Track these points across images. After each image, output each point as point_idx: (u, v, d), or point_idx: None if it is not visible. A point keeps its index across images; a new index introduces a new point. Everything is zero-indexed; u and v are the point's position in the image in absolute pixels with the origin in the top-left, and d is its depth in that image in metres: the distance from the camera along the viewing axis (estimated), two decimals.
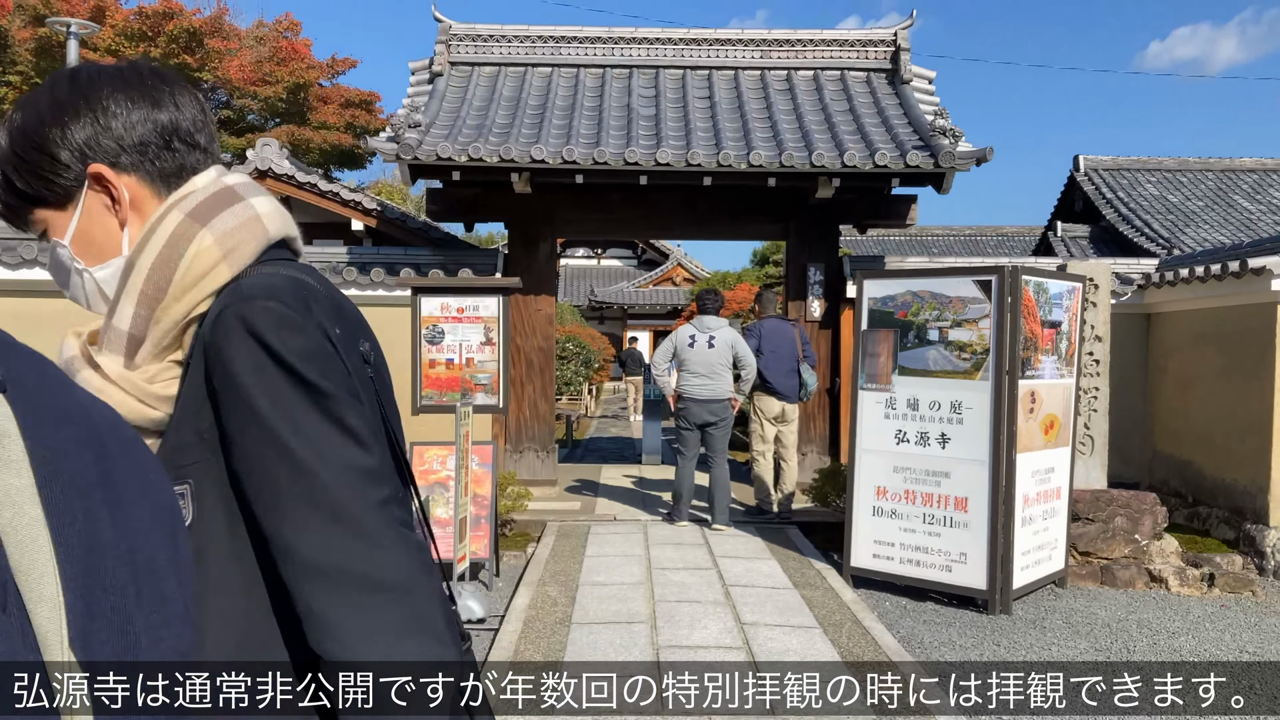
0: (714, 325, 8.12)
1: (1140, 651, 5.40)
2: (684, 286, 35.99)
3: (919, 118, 9.39)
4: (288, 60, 19.93)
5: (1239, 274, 7.84)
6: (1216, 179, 19.76)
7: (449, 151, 8.50)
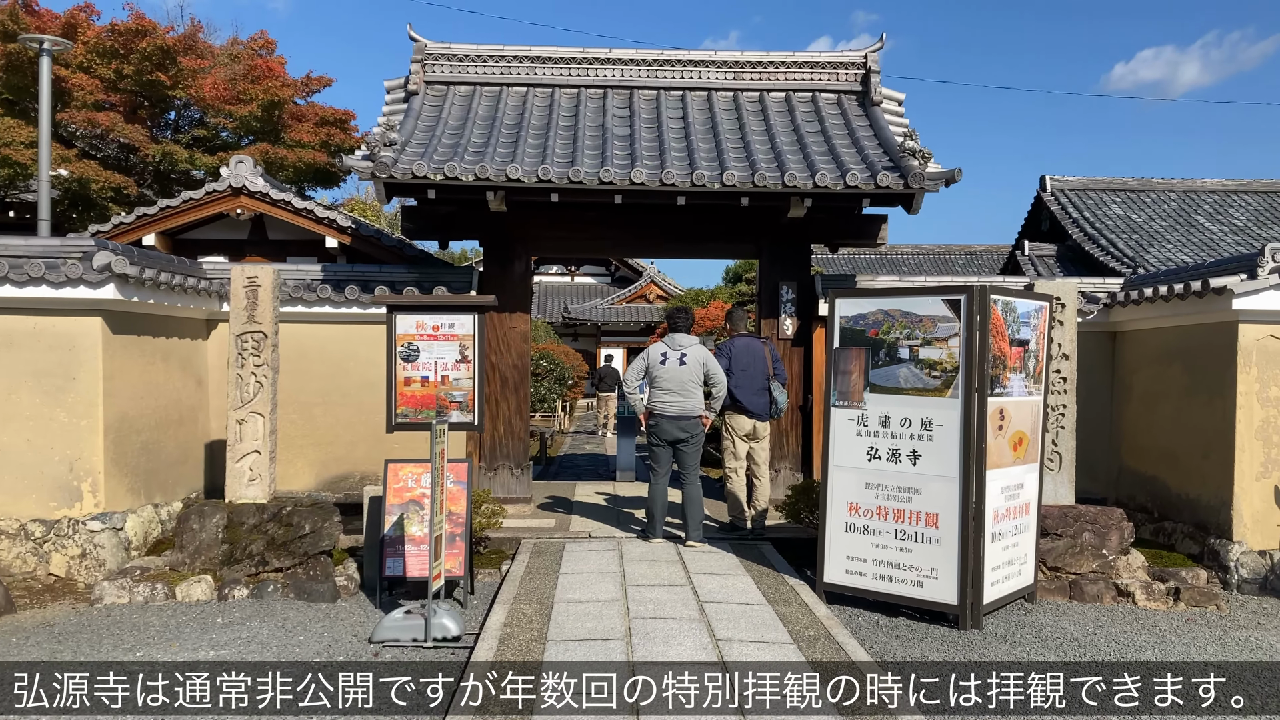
0: (685, 343, 8.20)
1: (1108, 665, 5.48)
2: (657, 304, 36.13)
3: (889, 139, 9.53)
4: (262, 78, 19.86)
5: (1201, 293, 8.01)
6: (1179, 199, 20.14)
7: (424, 170, 8.54)
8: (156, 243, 12.76)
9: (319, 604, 6.75)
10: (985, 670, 5.30)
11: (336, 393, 9.56)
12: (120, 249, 7.68)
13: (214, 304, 9.24)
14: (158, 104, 20.25)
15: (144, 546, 7.96)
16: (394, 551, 6.75)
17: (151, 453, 8.27)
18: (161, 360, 8.53)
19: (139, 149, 19.39)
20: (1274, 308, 7.70)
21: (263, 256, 13.31)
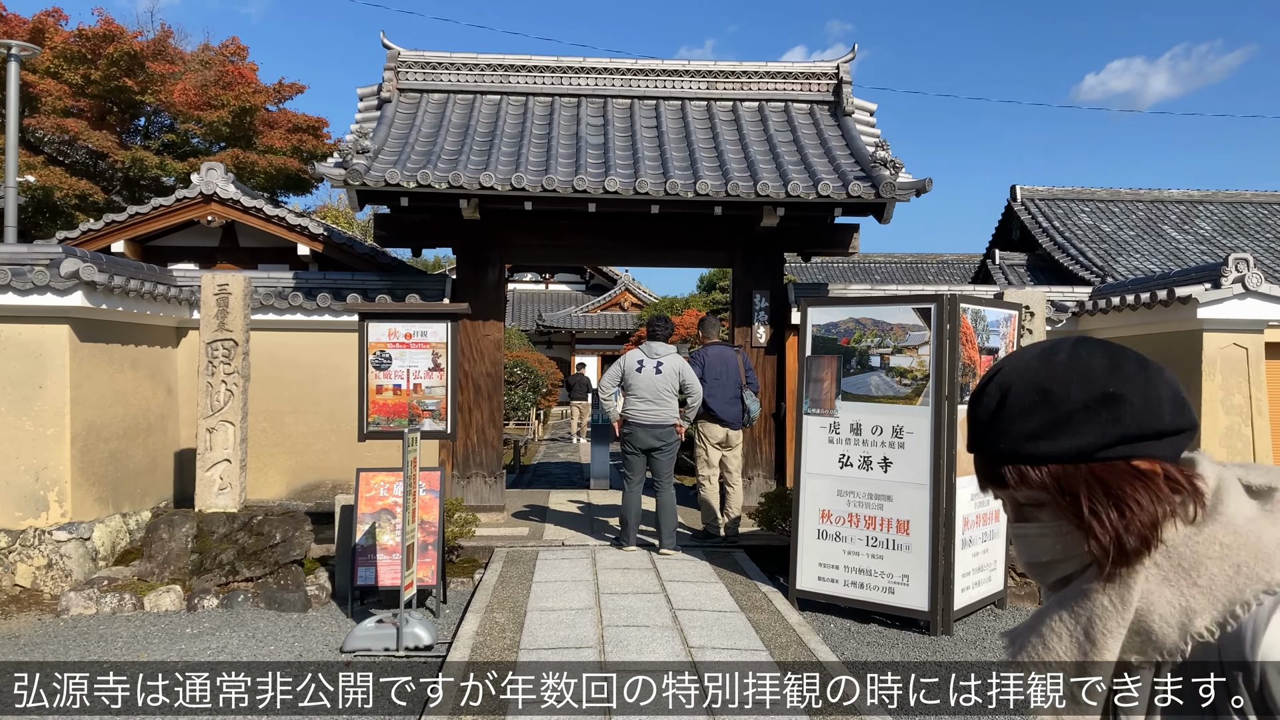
0: (662, 351, 8.21)
1: None
2: (632, 311, 36.16)
3: (861, 149, 9.61)
4: (233, 84, 19.73)
5: (1167, 302, 8.13)
6: (1147, 209, 20.42)
7: (397, 178, 8.52)
8: (126, 250, 12.63)
9: (290, 613, 6.70)
10: (953, 672, 5.35)
11: (308, 401, 9.50)
12: (88, 256, 7.61)
13: (184, 311, 9.16)
14: (127, 110, 20.08)
15: (112, 556, 7.87)
16: (366, 560, 6.71)
17: (120, 462, 8.19)
18: (130, 368, 8.45)
19: (108, 155, 19.22)
20: (1237, 317, 7.83)
21: (234, 264, 13.21)
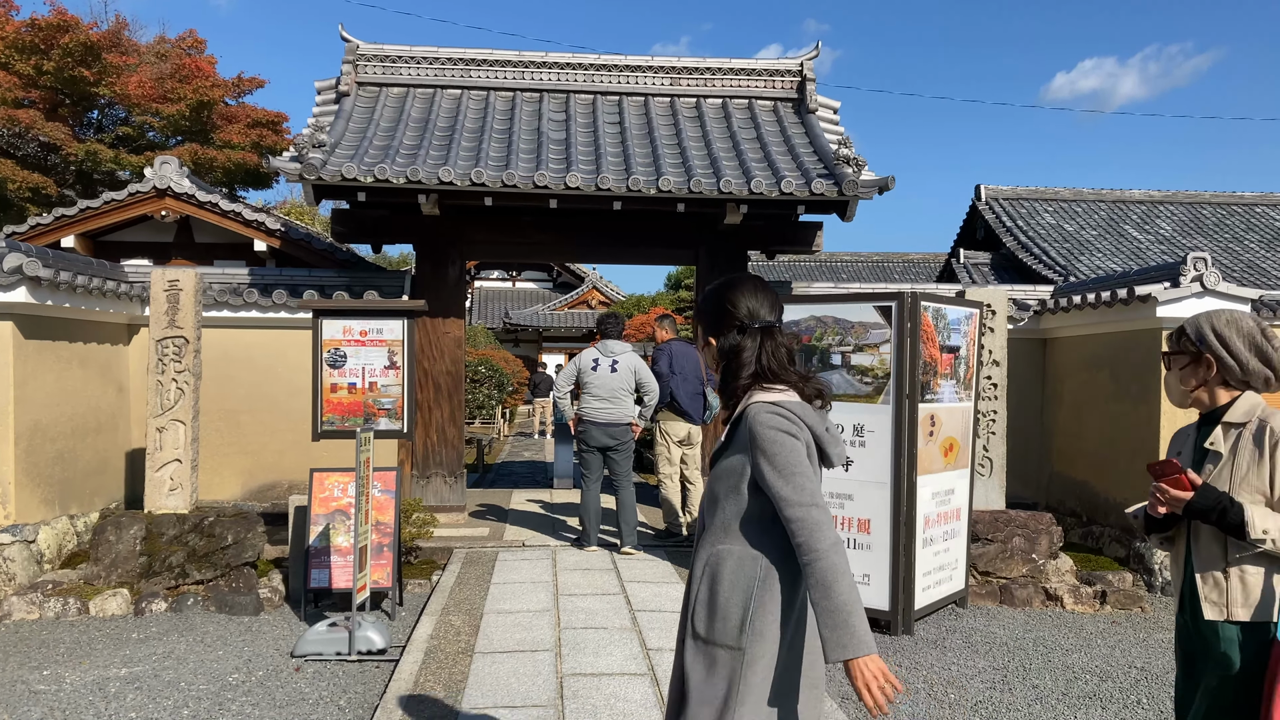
0: (618, 350, 8.15)
1: (1035, 669, 5.53)
2: (599, 309, 36.05)
3: (824, 147, 9.57)
4: (191, 78, 19.36)
5: (1127, 301, 8.16)
6: (1109, 209, 20.63)
7: (354, 172, 8.36)
8: (77, 245, 12.35)
9: (241, 617, 6.54)
10: (912, 668, 5.31)
11: (264, 399, 9.32)
12: (34, 251, 7.40)
13: (135, 308, 8.95)
14: (80, 101, 19.67)
15: (59, 559, 7.67)
16: (319, 562, 6.57)
17: (67, 462, 7.97)
18: (79, 366, 8.23)
19: (61, 148, 18.81)
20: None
21: (189, 260, 12.96)
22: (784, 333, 2.42)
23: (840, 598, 2.13)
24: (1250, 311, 2.75)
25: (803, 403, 2.35)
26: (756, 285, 2.46)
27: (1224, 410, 2.71)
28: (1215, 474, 2.69)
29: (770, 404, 2.31)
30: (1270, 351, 2.65)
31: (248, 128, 20.26)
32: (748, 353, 2.37)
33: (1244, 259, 18.39)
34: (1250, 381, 2.67)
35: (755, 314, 2.39)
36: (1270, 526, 2.51)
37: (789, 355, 2.39)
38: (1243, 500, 2.58)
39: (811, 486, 2.23)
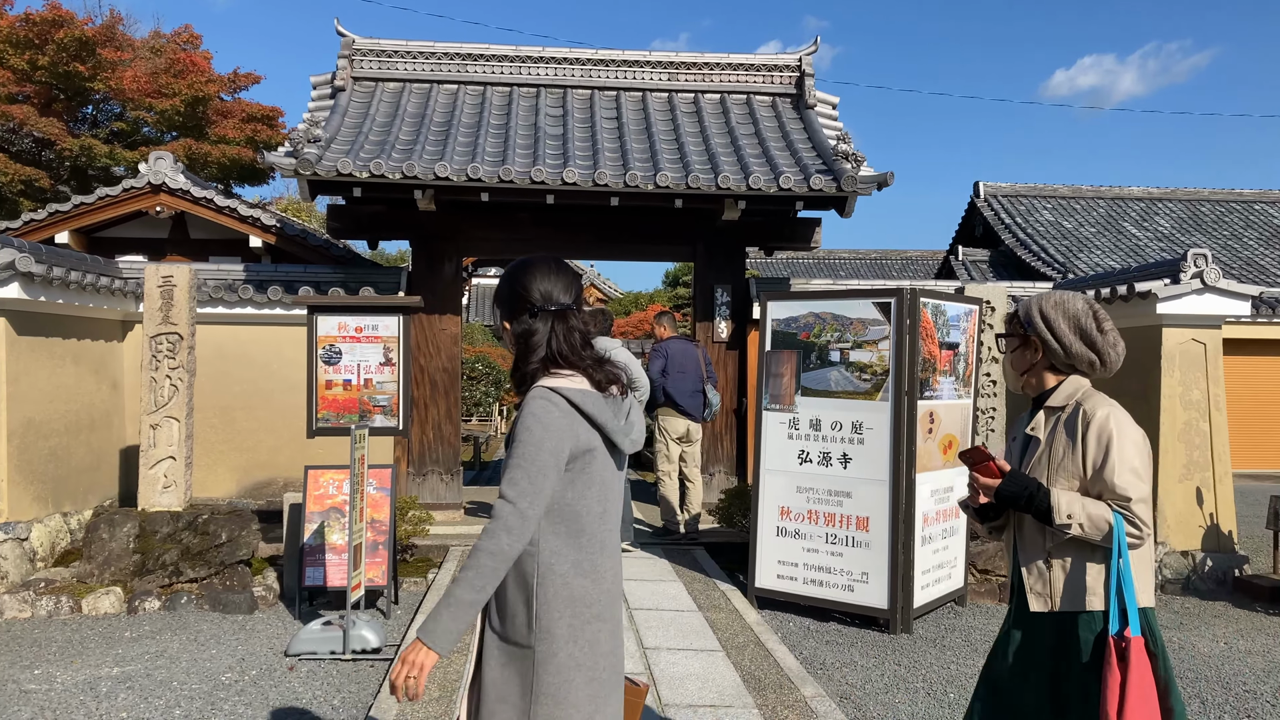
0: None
1: None
2: (598, 307, 35.96)
3: (823, 142, 9.52)
4: (186, 73, 19.28)
5: (1127, 297, 8.12)
6: (1107, 206, 20.59)
7: (349, 167, 8.30)
8: (71, 241, 12.29)
9: (235, 615, 6.49)
10: (911, 667, 5.26)
11: (259, 396, 9.27)
12: (27, 246, 7.34)
13: (130, 304, 8.89)
14: (75, 96, 19.57)
15: (51, 557, 7.61)
16: (314, 560, 6.52)
17: (61, 459, 7.92)
18: (73, 363, 8.17)
19: (55, 143, 18.72)
20: (1196, 312, 7.83)
21: (184, 256, 12.90)
22: (580, 317, 2.36)
23: (458, 592, 2.12)
24: (1084, 296, 2.67)
25: (588, 390, 2.27)
26: (552, 268, 2.39)
27: (1049, 394, 2.64)
28: (1034, 460, 2.61)
29: (547, 389, 2.23)
30: (1096, 335, 2.57)
31: (243, 123, 20.18)
32: (538, 336, 2.30)
33: (1243, 256, 18.38)
34: (1075, 365, 2.60)
35: (549, 297, 2.32)
36: (1075, 511, 2.43)
37: (583, 340, 2.33)
38: (1059, 486, 2.50)
39: (529, 489, 2.16)
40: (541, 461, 2.17)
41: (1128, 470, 2.43)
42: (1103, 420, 2.49)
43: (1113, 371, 2.62)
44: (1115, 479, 2.43)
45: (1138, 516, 2.42)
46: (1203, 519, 7.79)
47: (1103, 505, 2.44)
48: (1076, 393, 2.59)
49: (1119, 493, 2.42)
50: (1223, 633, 6.42)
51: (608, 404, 2.31)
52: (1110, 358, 2.59)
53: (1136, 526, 2.42)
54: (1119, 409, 2.52)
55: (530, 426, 2.19)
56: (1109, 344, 2.58)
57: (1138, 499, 2.42)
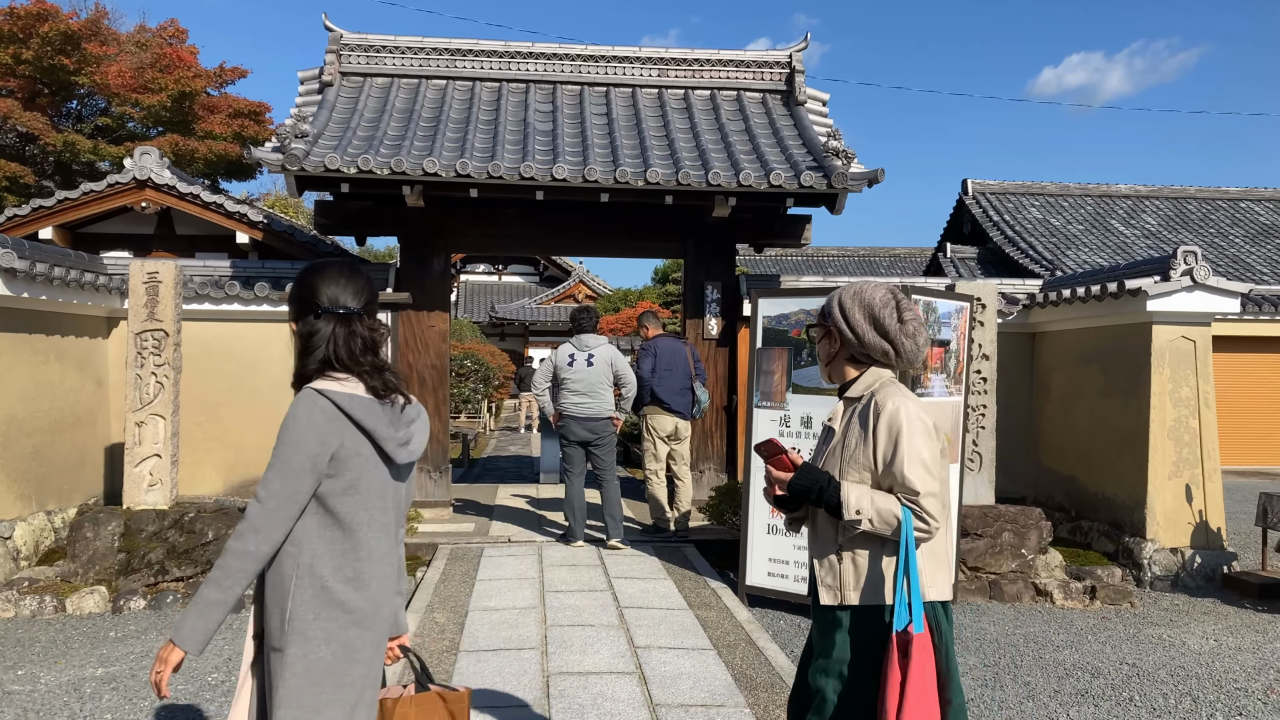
0: (593, 344, 8.09)
1: (1026, 665, 5.48)
2: (587, 303, 35.94)
3: (813, 139, 9.50)
4: (172, 67, 19.12)
5: (1117, 294, 8.12)
6: (1095, 204, 20.64)
7: (337, 163, 8.23)
8: (55, 237, 12.17)
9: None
10: None
11: (246, 393, 9.19)
12: (9, 242, 7.25)
13: (115, 301, 8.81)
14: (59, 91, 19.40)
15: (35, 556, 7.54)
16: None
17: (44, 457, 7.84)
18: (56, 360, 8.09)
19: (39, 138, 18.56)
20: (1186, 309, 7.84)
21: (170, 252, 12.79)
22: (367, 322, 2.34)
23: (202, 589, 2.15)
24: (889, 286, 2.59)
25: (359, 396, 2.25)
26: (343, 273, 2.37)
27: (849, 386, 2.60)
28: (829, 452, 2.57)
29: (313, 391, 2.23)
30: (891, 326, 2.51)
31: (230, 118, 20.04)
32: (318, 338, 2.28)
33: (1229, 253, 18.45)
34: (872, 356, 2.55)
35: (336, 300, 2.31)
36: (864, 506, 2.38)
37: (366, 345, 2.31)
38: (851, 479, 2.46)
39: (282, 490, 2.15)
40: (297, 463, 2.16)
41: (917, 464, 2.38)
42: (893, 412, 2.43)
43: (913, 364, 2.56)
44: (905, 472, 2.38)
45: (926, 511, 2.37)
46: (1192, 516, 7.81)
47: (892, 499, 2.39)
48: (874, 384, 2.54)
49: (908, 486, 2.38)
50: (1212, 630, 6.43)
51: (383, 411, 2.28)
52: (906, 349, 2.52)
53: (925, 520, 2.38)
54: (911, 401, 2.46)
55: (290, 427, 2.18)
56: (906, 335, 2.52)
57: (926, 493, 2.37)
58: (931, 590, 2.43)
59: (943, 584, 2.48)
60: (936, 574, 2.47)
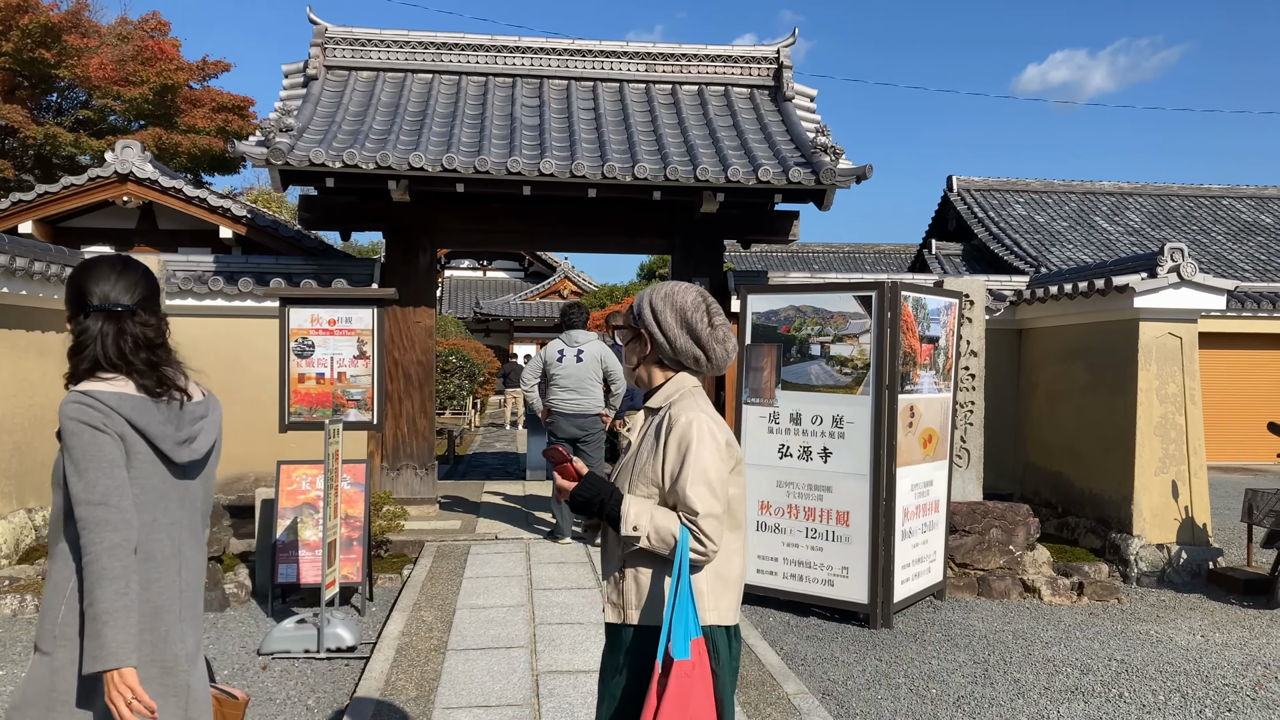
0: (582, 339, 8.05)
1: (1015, 662, 5.48)
2: (572, 299, 35.85)
3: (801, 135, 9.47)
4: (154, 60, 18.92)
5: (1104, 291, 8.13)
6: (1079, 201, 20.72)
7: (322, 157, 8.15)
8: (35, 231, 12.03)
9: (206, 613, 6.36)
10: (892, 662, 5.23)
11: (230, 389, 9.05)
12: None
13: None
14: (39, 84, 19.19)
15: (15, 554, 7.43)
16: (287, 557, 6.40)
17: (25, 454, 7.73)
18: (37, 355, 7.98)
19: (18, 130, 18.35)
20: (1172, 306, 7.86)
21: (152, 247, 12.66)
22: (141, 318, 2.26)
23: (99, 605, 2.03)
24: (698, 289, 2.45)
25: (129, 394, 2.18)
26: (116, 269, 2.30)
27: (654, 393, 2.48)
28: (623, 462, 2.47)
29: (80, 393, 2.15)
30: (702, 330, 2.40)
31: (213, 112, 19.87)
32: (87, 336, 2.22)
33: (1211, 250, 18.56)
34: (682, 361, 2.44)
35: (107, 298, 2.24)
36: (643, 522, 2.26)
37: (139, 343, 2.25)
38: (638, 492, 2.35)
39: (105, 483, 2.10)
40: (102, 460, 2.10)
41: (701, 483, 2.27)
42: (685, 426, 2.32)
43: (720, 370, 2.46)
44: (687, 490, 2.27)
45: (704, 532, 2.26)
46: (1178, 512, 7.83)
47: (673, 517, 2.28)
48: (675, 395, 2.43)
49: (689, 505, 2.27)
50: (1199, 625, 6.45)
51: (158, 410, 2.22)
52: (716, 354, 2.43)
53: (702, 542, 2.27)
54: (707, 416, 2.34)
55: (78, 430, 2.11)
56: (716, 339, 2.42)
57: (706, 514, 2.26)
58: (712, 614, 2.32)
59: (726, 607, 2.36)
60: (722, 596, 2.36)
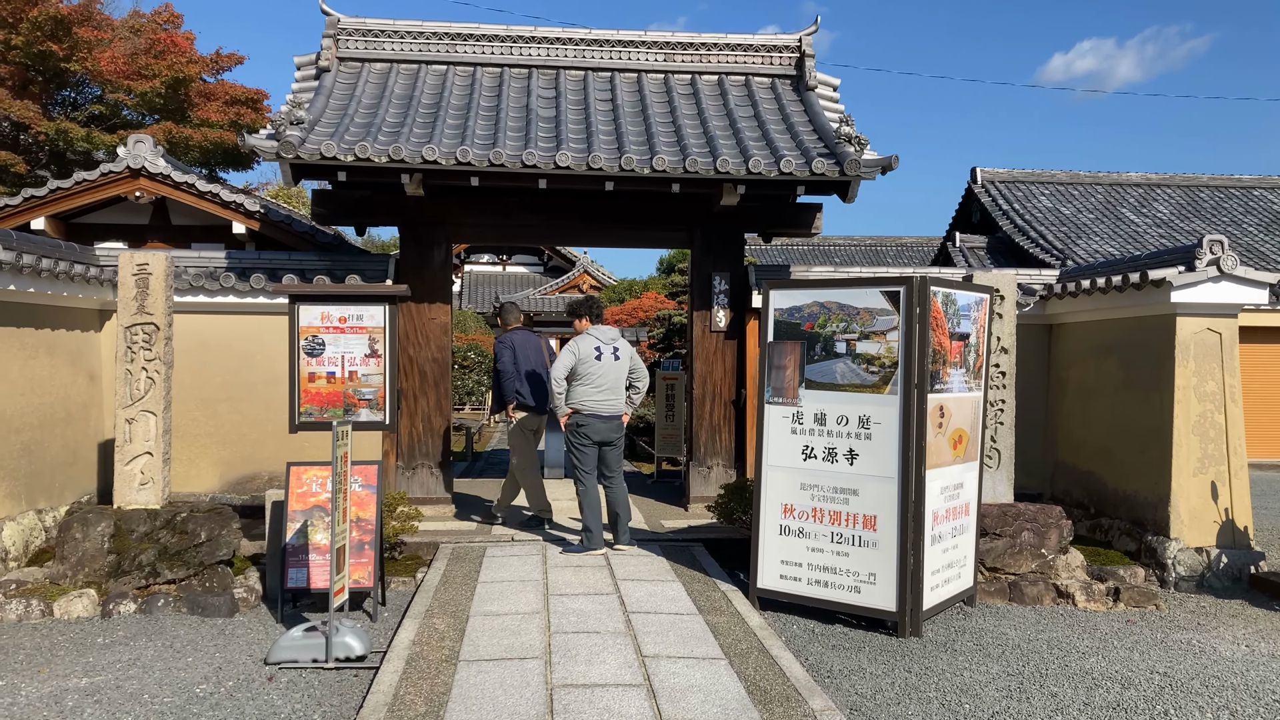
0: (612, 335, 7.72)
1: (1052, 674, 5.24)
2: (589, 294, 35.60)
3: (824, 125, 9.22)
4: (166, 53, 18.81)
5: (1139, 285, 7.85)
6: (1105, 192, 20.33)
7: (334, 150, 7.98)
8: (47, 227, 11.93)
9: (215, 619, 6.21)
10: (922, 674, 5.00)
11: (242, 388, 8.96)
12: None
13: (107, 293, 8.58)
14: (51, 78, 19.10)
15: (25, 556, 7.32)
16: (297, 561, 6.23)
17: (34, 454, 7.61)
18: (47, 354, 7.86)
19: (30, 126, 18.27)
20: (1211, 300, 7.57)
21: (165, 242, 12.55)
22: None
23: None
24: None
25: None
26: None
27: None
28: None
29: None
30: None
31: (226, 105, 19.75)
32: None
33: (1243, 243, 18.14)
34: None
35: None
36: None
37: None
38: None
39: None
40: None
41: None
42: None
43: None
44: None
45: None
46: (1217, 514, 7.55)
47: None
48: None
49: None
50: (1243, 634, 6.19)
51: None
52: None
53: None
54: None
55: None
56: None
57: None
58: None
59: None
60: None
